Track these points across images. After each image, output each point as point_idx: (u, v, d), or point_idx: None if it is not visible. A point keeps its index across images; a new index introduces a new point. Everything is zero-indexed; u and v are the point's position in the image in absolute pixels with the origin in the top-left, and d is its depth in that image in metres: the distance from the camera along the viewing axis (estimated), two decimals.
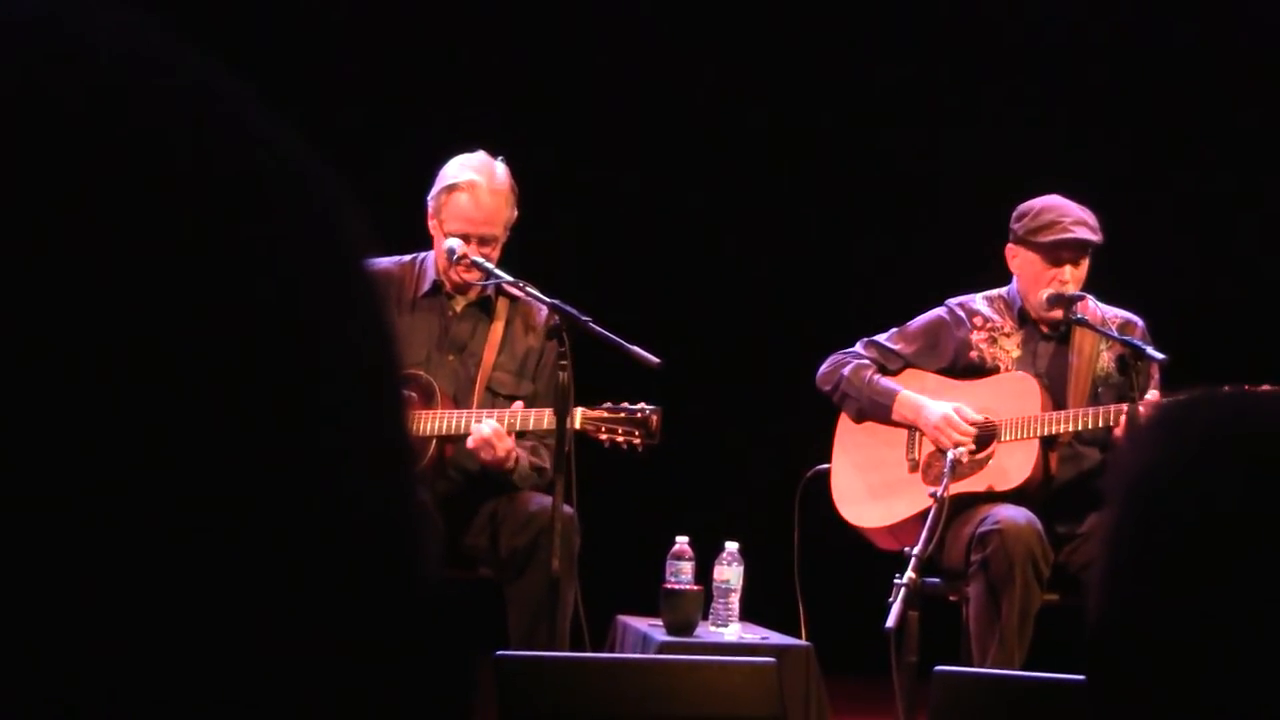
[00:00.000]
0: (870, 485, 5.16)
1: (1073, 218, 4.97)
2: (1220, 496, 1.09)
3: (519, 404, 4.73)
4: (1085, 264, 5.01)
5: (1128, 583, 1.11)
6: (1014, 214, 5.07)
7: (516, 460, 4.73)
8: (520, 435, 4.84)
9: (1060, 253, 4.97)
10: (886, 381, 5.14)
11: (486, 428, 4.64)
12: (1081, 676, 1.18)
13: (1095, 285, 5.09)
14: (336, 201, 0.59)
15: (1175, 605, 1.08)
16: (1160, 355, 4.89)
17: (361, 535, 0.56)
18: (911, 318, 5.25)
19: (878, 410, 5.12)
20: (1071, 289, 4.99)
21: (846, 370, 5.16)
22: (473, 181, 4.82)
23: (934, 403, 5.05)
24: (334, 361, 0.56)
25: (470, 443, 4.64)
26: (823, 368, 5.24)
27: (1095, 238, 4.96)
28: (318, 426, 0.55)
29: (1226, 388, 1.21)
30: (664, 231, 7.10)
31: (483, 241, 4.79)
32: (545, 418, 4.59)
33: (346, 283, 0.58)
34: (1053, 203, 5.03)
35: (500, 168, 4.88)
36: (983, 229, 5.27)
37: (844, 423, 5.24)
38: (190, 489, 0.52)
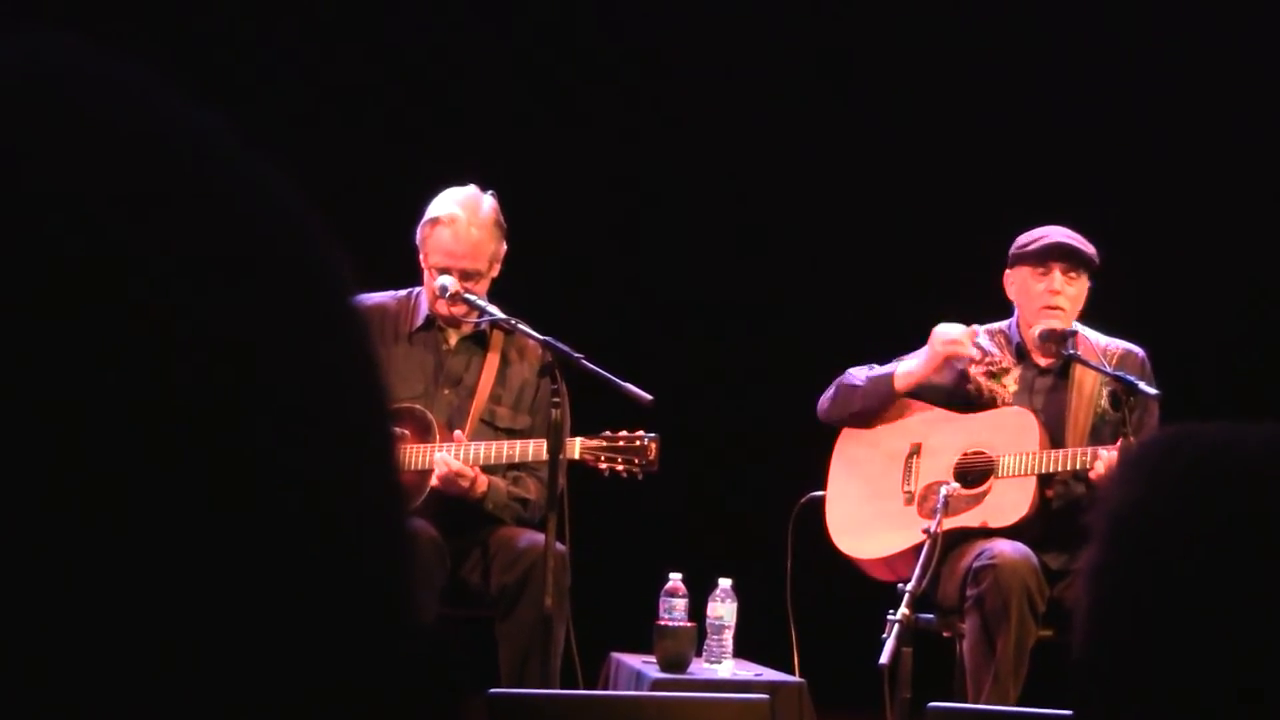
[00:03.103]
0: (866, 516, 5.15)
1: (1061, 231, 5.02)
2: (1201, 531, 1.09)
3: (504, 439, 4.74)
4: (1082, 284, 5.01)
5: (1111, 617, 1.11)
6: (1011, 243, 5.12)
7: (489, 487, 4.72)
8: (516, 467, 4.84)
9: (1048, 260, 5.00)
10: (883, 367, 5.15)
11: (440, 465, 4.63)
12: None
13: (1098, 314, 5.10)
14: (322, 240, 0.59)
15: (1157, 639, 1.08)
16: (1153, 390, 4.89)
17: (351, 573, 0.56)
18: (910, 350, 5.25)
19: (880, 387, 5.11)
20: (1063, 301, 4.99)
21: (843, 376, 5.19)
22: (454, 215, 4.82)
23: (921, 352, 5.06)
24: (321, 400, 0.56)
25: (436, 480, 4.64)
26: (821, 400, 5.25)
27: (1086, 248, 4.99)
28: (305, 466, 0.55)
29: (1217, 422, 1.21)
30: (655, 265, 7.10)
31: (465, 276, 4.79)
32: (543, 449, 4.59)
33: (332, 321, 0.58)
34: (1044, 227, 5.08)
35: (487, 202, 4.88)
36: (984, 261, 5.28)
37: (840, 452, 5.23)
38: (173, 530, 0.52)
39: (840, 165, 7.09)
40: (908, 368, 5.09)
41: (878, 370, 5.15)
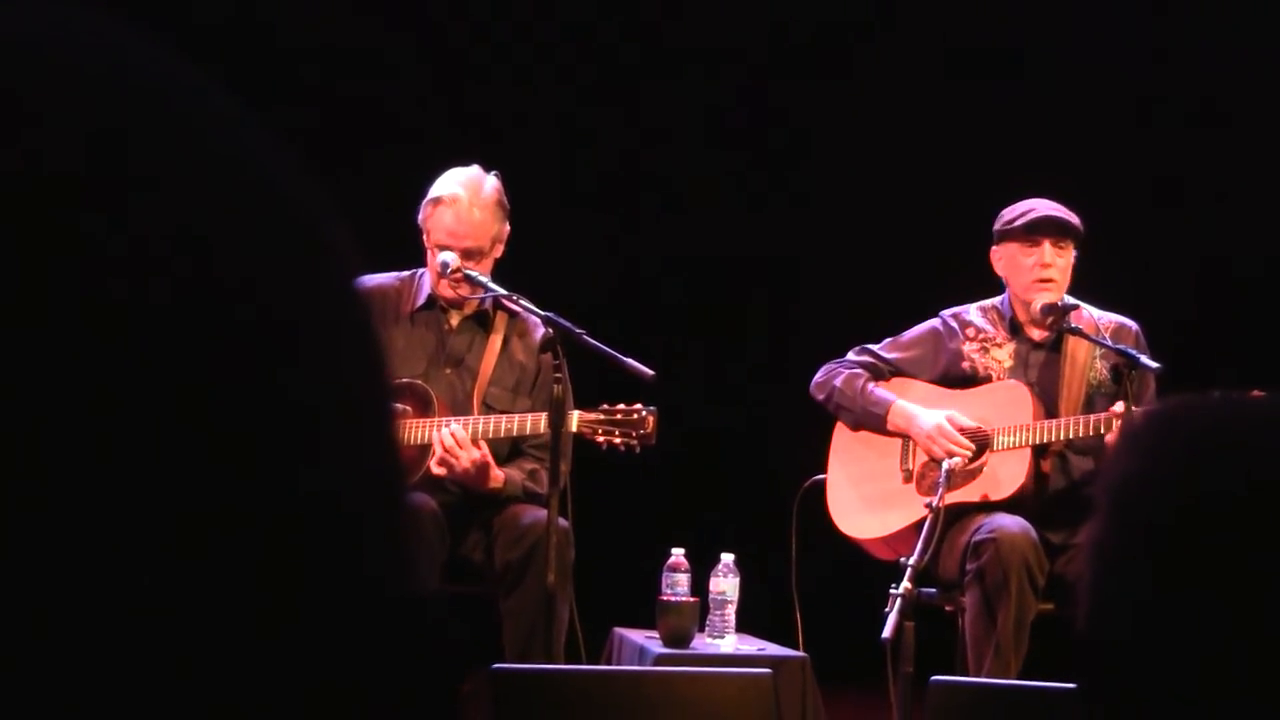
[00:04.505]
0: (865, 496, 5.16)
1: (1046, 204, 5.04)
2: (1204, 503, 1.09)
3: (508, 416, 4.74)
4: (1069, 253, 5.02)
5: (1114, 590, 1.11)
6: (994, 219, 5.13)
7: (506, 481, 4.73)
8: (518, 448, 4.84)
9: (1035, 234, 5.01)
10: (881, 391, 5.14)
11: (447, 437, 4.63)
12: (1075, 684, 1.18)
13: (1090, 288, 5.10)
14: (325, 216, 0.59)
15: (1160, 611, 1.08)
16: (1154, 364, 4.89)
17: (348, 552, 0.56)
18: (906, 329, 5.26)
19: (871, 419, 5.13)
20: (1054, 273, 4.99)
21: (839, 381, 5.17)
22: (456, 195, 4.82)
23: (927, 412, 5.05)
24: (321, 377, 0.56)
25: (435, 466, 4.63)
26: (816, 377, 5.24)
27: (1072, 219, 5.00)
28: (304, 445, 0.55)
29: (1217, 394, 1.21)
30: (656, 242, 7.11)
31: (467, 255, 4.78)
32: (541, 422, 4.59)
33: (333, 298, 0.58)
34: (1027, 200, 5.09)
35: (490, 182, 4.87)
36: (977, 237, 5.28)
37: (839, 434, 5.24)
38: (172, 507, 0.52)
39: (843, 144, 7.09)
40: (898, 422, 5.08)
41: (872, 398, 5.11)
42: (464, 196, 4.82)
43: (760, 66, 7.15)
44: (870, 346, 5.24)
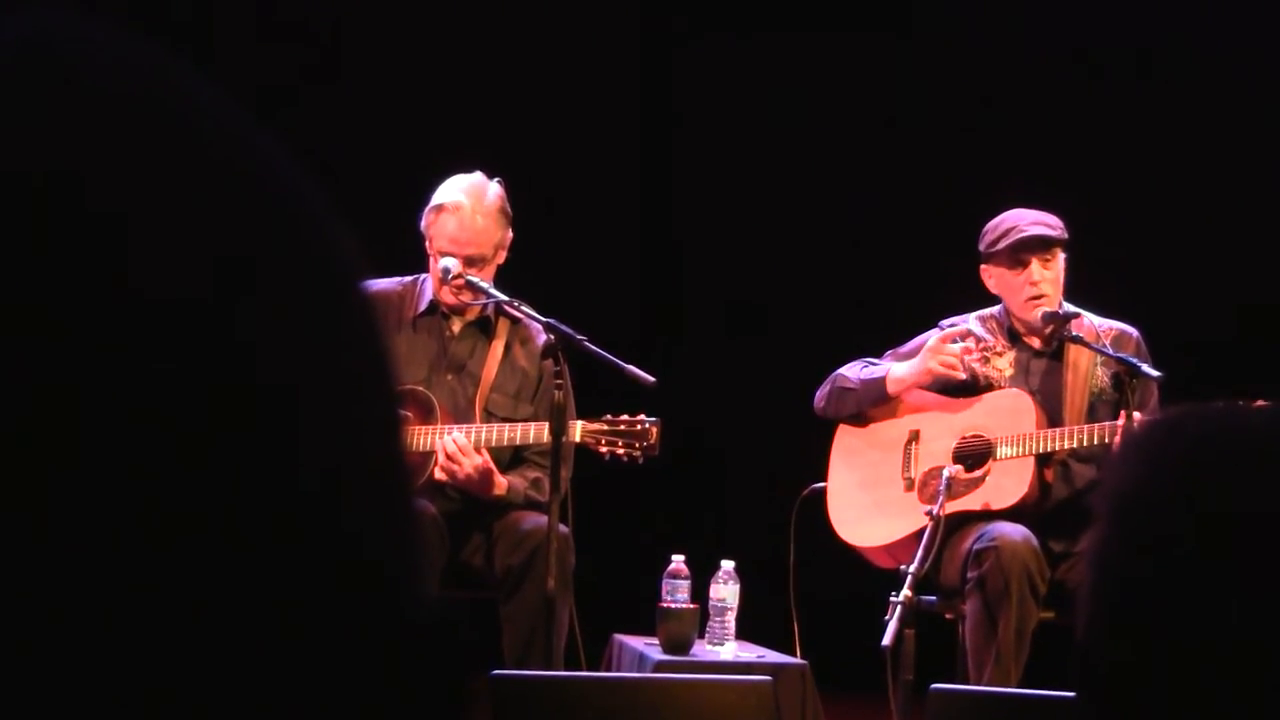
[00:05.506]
0: (866, 504, 5.16)
1: (1028, 219, 5.02)
2: (1205, 512, 1.09)
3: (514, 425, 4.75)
4: (1057, 263, 5.02)
5: (1114, 598, 1.11)
6: (979, 237, 5.12)
7: (509, 489, 4.73)
8: (520, 456, 4.84)
9: (1021, 254, 5.01)
10: (878, 368, 5.14)
11: (449, 444, 4.64)
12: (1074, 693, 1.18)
13: (1090, 295, 5.10)
14: (329, 221, 0.59)
15: (1159, 621, 1.09)
16: (1156, 373, 4.89)
17: (355, 557, 0.56)
18: (906, 340, 5.25)
19: (873, 391, 5.12)
20: (1046, 287, 4.99)
21: (840, 370, 5.18)
22: (459, 203, 4.82)
23: (915, 359, 5.07)
24: (327, 383, 0.56)
25: (439, 473, 4.64)
26: (818, 391, 5.25)
27: (1054, 233, 4.99)
28: (310, 450, 0.55)
29: (1219, 402, 1.21)
30: (658, 250, 7.11)
31: (469, 262, 4.79)
32: (545, 432, 4.59)
33: (339, 303, 0.58)
34: (1008, 213, 5.08)
35: (492, 189, 4.87)
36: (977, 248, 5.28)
37: (840, 441, 5.24)
38: (178, 509, 0.52)
39: (844, 149, 7.09)
40: (899, 374, 5.09)
41: (870, 373, 5.14)
42: (467, 203, 4.82)
43: (756, 71, 7.15)
44: (872, 360, 5.23)
